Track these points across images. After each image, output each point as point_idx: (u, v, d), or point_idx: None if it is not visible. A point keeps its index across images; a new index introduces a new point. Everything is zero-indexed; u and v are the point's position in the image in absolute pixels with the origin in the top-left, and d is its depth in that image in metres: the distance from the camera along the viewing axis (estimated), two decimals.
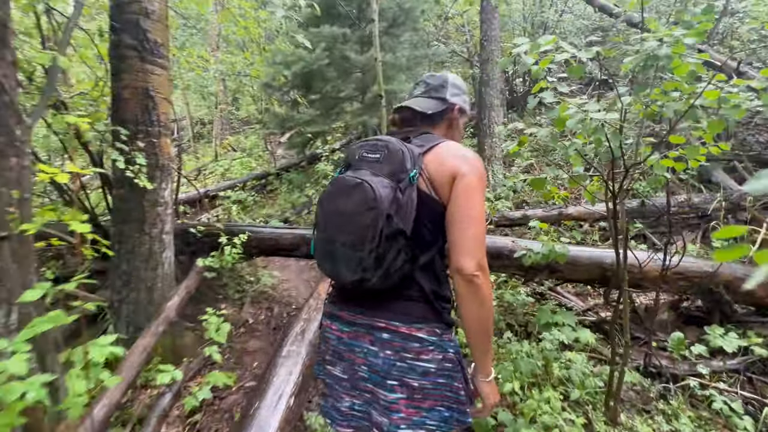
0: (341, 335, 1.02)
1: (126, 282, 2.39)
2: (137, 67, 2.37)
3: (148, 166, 2.39)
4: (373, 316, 0.97)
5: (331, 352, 1.05)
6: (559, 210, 3.55)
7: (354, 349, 0.99)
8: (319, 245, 0.98)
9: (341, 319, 1.03)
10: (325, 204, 0.97)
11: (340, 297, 1.05)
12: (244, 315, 3.13)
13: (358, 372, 0.99)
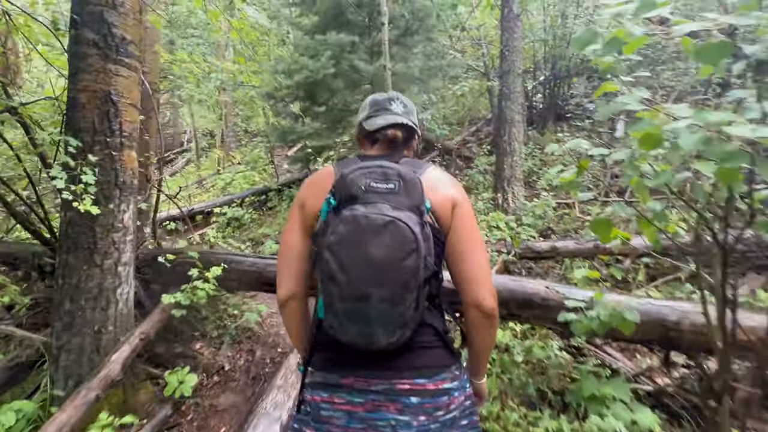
0: (354, 409, 0.82)
1: (68, 324, 1.95)
2: (98, 66, 2.00)
3: (103, 184, 1.99)
4: (391, 378, 0.82)
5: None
6: (594, 243, 3.02)
7: (377, 424, 0.81)
8: (340, 306, 0.76)
9: (348, 388, 0.83)
10: (347, 251, 0.75)
11: (339, 360, 0.85)
12: (220, 359, 2.66)
13: None
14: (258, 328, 2.98)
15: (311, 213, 0.92)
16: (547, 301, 2.02)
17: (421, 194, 0.81)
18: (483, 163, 5.28)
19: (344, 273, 0.74)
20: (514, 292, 2.08)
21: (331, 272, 0.75)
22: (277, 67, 4.43)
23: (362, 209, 0.77)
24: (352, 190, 0.80)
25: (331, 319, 0.78)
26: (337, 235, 0.76)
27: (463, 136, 7.27)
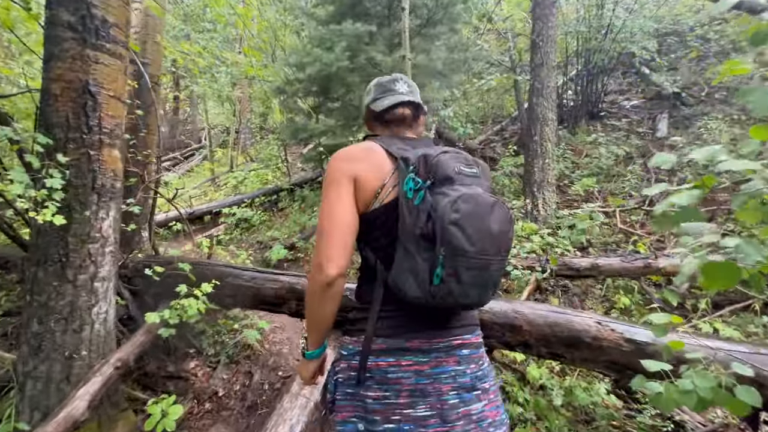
0: (420, 368, 0.90)
1: (36, 348, 1.70)
2: (74, 52, 1.73)
3: (78, 188, 1.73)
4: (448, 336, 0.93)
5: (408, 393, 0.89)
6: (645, 261, 2.59)
7: (441, 377, 0.90)
8: (467, 274, 0.83)
9: (415, 349, 0.91)
10: (474, 226, 0.83)
11: (403, 325, 0.92)
12: (214, 382, 2.39)
13: (447, 401, 0.89)
14: (258, 347, 2.70)
15: (370, 188, 0.93)
16: (599, 341, 1.64)
17: (489, 178, 0.99)
18: (509, 165, 4.86)
19: (473, 245, 0.82)
20: (558, 327, 1.70)
21: (462, 246, 0.81)
22: (288, 60, 4.14)
23: (467, 190, 0.86)
24: (447, 172, 0.88)
25: (454, 286, 0.83)
26: (461, 213, 0.82)
27: (487, 135, 6.83)
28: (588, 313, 1.76)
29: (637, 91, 7.31)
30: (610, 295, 2.81)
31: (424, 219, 0.84)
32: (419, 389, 0.88)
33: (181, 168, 9.37)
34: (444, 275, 0.82)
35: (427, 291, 0.83)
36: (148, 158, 3.03)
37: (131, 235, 2.89)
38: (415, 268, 0.85)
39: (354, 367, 0.91)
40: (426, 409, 0.88)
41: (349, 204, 0.92)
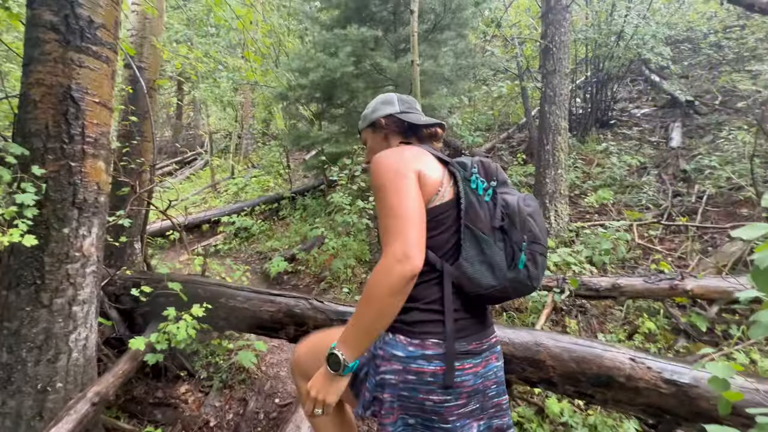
0: (476, 369, 0.94)
1: (5, 381, 1.54)
2: (56, 55, 1.59)
3: (57, 203, 1.57)
4: (489, 336, 0.99)
5: (467, 395, 0.92)
6: (670, 282, 2.40)
7: (488, 375, 0.97)
8: (540, 259, 0.94)
9: (473, 353, 0.94)
10: (538, 220, 0.96)
11: (467, 326, 0.95)
12: (205, 410, 2.21)
13: (488, 394, 0.98)
14: (254, 369, 2.52)
15: (432, 184, 0.95)
16: (634, 381, 1.46)
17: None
18: (518, 174, 4.69)
19: (543, 234, 0.95)
20: (585, 363, 1.52)
21: (536, 233, 0.93)
22: (291, 65, 4.01)
23: (518, 193, 1.00)
24: (503, 177, 1.03)
25: (531, 269, 0.92)
26: (531, 207, 0.96)
27: (493, 142, 6.68)
28: (619, 347, 1.57)
29: (648, 99, 7.15)
30: (631, 317, 2.62)
31: (500, 213, 0.93)
32: (475, 389, 0.94)
33: (182, 173, 9.26)
34: (525, 260, 0.91)
35: (504, 278, 0.90)
36: (142, 167, 2.89)
37: (122, 248, 2.74)
38: (493, 258, 0.91)
39: (419, 372, 0.89)
40: (474, 404, 0.95)
41: (419, 196, 0.91)
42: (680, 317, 2.47)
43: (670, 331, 2.44)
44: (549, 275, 2.66)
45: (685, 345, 2.34)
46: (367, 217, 3.60)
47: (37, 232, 1.51)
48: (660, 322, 2.44)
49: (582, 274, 2.71)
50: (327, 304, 1.94)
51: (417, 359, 0.89)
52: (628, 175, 4.68)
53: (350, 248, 3.73)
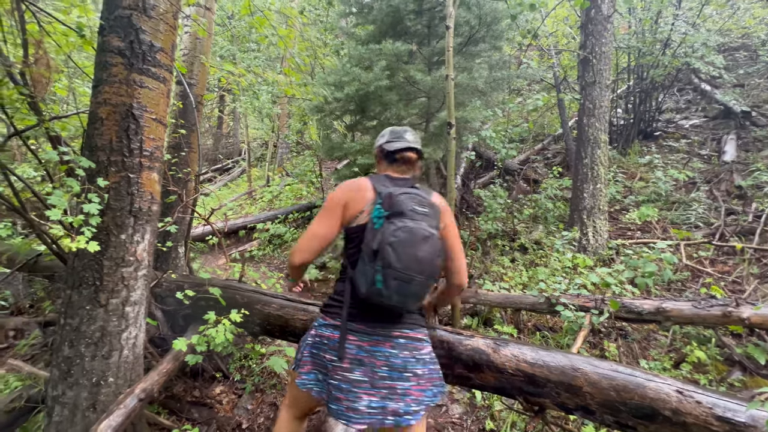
0: (361, 344, 1.23)
1: (65, 373, 1.68)
2: (121, 77, 1.75)
3: (116, 211, 1.72)
4: (390, 328, 1.26)
5: (350, 361, 1.22)
6: (723, 309, 2.23)
7: (375, 355, 1.22)
8: (393, 283, 1.15)
9: (360, 332, 1.25)
10: (404, 249, 1.15)
11: (358, 314, 1.26)
12: (238, 412, 2.29)
13: (378, 373, 1.20)
14: (284, 375, 2.59)
15: (352, 213, 1.29)
16: (680, 416, 1.36)
17: (439, 219, 1.29)
18: (553, 188, 4.55)
19: (401, 263, 1.14)
20: (626, 393, 1.44)
21: (391, 261, 1.14)
22: (327, 79, 4.15)
23: (412, 223, 1.18)
24: (402, 208, 1.21)
25: (383, 289, 1.15)
26: (398, 238, 1.15)
27: (527, 154, 6.53)
28: (664, 376, 1.48)
29: (697, 110, 6.74)
30: (678, 344, 2.45)
31: (377, 239, 1.17)
32: (358, 359, 1.21)
33: (221, 180, 9.73)
34: (380, 280, 1.15)
35: (370, 290, 1.17)
36: (189, 176, 3.08)
37: (168, 252, 2.92)
38: (366, 272, 1.18)
39: (321, 336, 1.29)
40: (360, 375, 1.20)
41: (333, 225, 1.32)
42: (735, 347, 2.28)
43: (722, 362, 2.26)
44: (586, 295, 2.55)
45: (740, 378, 2.15)
46: None
47: (98, 238, 1.65)
48: (711, 351, 2.27)
49: (623, 295, 2.58)
50: None
51: (324, 327, 1.30)
52: (675, 191, 4.41)
53: None
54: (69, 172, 1.66)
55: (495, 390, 1.68)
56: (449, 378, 1.75)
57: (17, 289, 3.17)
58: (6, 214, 4.80)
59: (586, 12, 3.78)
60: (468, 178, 5.34)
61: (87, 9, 1.98)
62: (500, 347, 1.66)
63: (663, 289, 2.93)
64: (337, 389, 1.19)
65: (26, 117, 2.04)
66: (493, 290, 3.06)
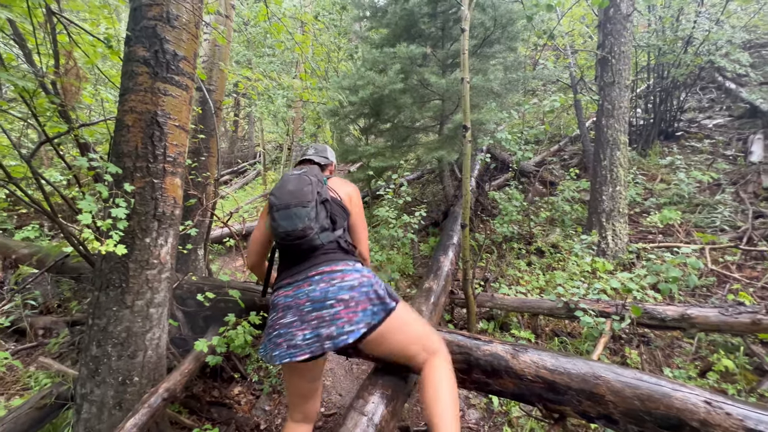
0: (287, 293, 1.41)
1: (93, 372, 1.74)
2: (146, 85, 1.81)
3: (141, 215, 1.77)
4: (306, 270, 1.43)
5: (282, 310, 1.39)
6: (752, 316, 2.15)
7: (298, 296, 1.38)
8: (277, 214, 1.46)
9: (285, 285, 1.44)
10: (278, 190, 1.52)
11: (282, 274, 1.49)
12: (256, 413, 2.32)
13: (303, 310, 1.35)
14: None
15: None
16: (709, 428, 1.32)
17: (320, 175, 1.59)
18: (570, 189, 4.47)
19: (277, 199, 1.48)
20: (651, 402, 1.41)
21: (273, 202, 1.48)
22: (342, 83, 4.18)
23: (286, 177, 1.56)
24: (283, 177, 1.58)
25: (275, 224, 1.45)
26: (275, 187, 1.55)
27: (543, 155, 6.43)
28: (691, 386, 1.44)
29: (721, 109, 6.53)
30: (704, 352, 2.38)
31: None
32: (286, 305, 1.38)
33: (237, 183, 9.90)
34: (273, 218, 1.45)
35: (273, 233, 1.48)
36: (208, 180, 3.15)
37: (187, 255, 2.99)
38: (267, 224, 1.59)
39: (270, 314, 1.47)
40: (291, 317, 1.35)
41: (258, 227, 1.69)
42: (765, 356, 2.20)
43: (752, 371, 2.17)
44: (606, 300, 2.50)
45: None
46: (412, 231, 3.62)
47: (125, 242, 1.71)
48: (740, 360, 2.19)
49: (644, 301, 2.51)
50: None
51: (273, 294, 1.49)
52: (699, 193, 4.28)
53: (394, 261, 3.77)
54: (96, 178, 1.72)
55: (513, 396, 1.66)
56: (466, 383, 1.74)
57: (46, 289, 3.30)
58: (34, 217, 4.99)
59: (605, 11, 3.71)
60: (482, 180, 5.29)
61: (114, 20, 2.06)
62: (519, 353, 1.64)
63: (687, 295, 2.84)
64: (277, 336, 1.34)
65: (56, 125, 2.13)
66: (509, 294, 3.02)
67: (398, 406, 1.83)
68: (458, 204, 4.41)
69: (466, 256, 2.69)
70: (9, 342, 2.80)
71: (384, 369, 1.92)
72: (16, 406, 1.90)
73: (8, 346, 2.70)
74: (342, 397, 2.52)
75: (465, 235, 2.70)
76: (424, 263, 4.01)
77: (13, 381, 2.40)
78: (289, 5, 5.29)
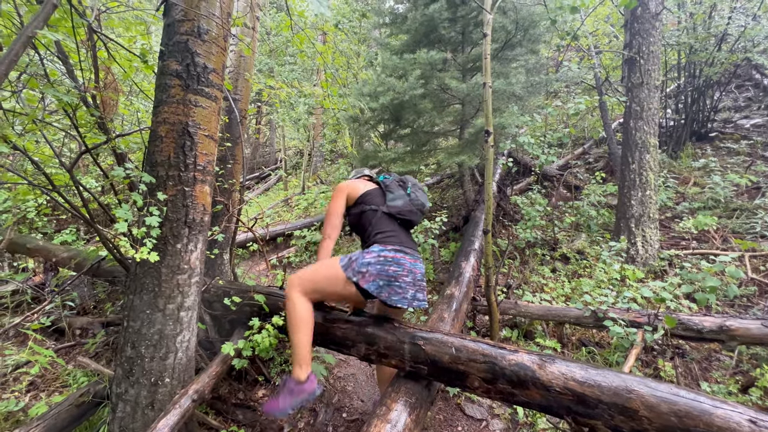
0: (408, 260, 1.90)
1: (128, 372, 1.81)
2: (178, 98, 1.89)
3: (173, 222, 1.85)
4: (413, 248, 1.97)
5: (407, 271, 1.87)
6: None
7: (415, 266, 1.92)
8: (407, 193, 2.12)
9: (405, 252, 1.91)
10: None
11: (404, 241, 1.97)
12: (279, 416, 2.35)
13: (416, 277, 1.91)
14: (323, 381, 2.64)
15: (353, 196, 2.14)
16: None
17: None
18: (596, 194, 4.34)
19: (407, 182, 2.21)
20: (689, 419, 1.34)
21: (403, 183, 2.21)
22: (362, 90, 4.23)
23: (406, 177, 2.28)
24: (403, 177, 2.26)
25: (410, 197, 2.11)
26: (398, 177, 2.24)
27: (567, 159, 6.28)
28: (733, 403, 1.36)
29: (759, 108, 6.20)
30: (745, 367, 2.24)
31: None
32: (409, 270, 1.88)
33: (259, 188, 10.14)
34: (407, 195, 2.08)
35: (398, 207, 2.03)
36: (234, 186, 3.24)
37: (214, 259, 3.08)
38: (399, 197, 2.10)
39: (385, 257, 1.85)
40: (410, 279, 1.88)
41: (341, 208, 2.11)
42: None
43: None
44: (637, 310, 2.41)
45: None
46: (433, 236, 3.59)
47: (158, 248, 1.79)
48: None
49: (678, 311, 2.39)
50: (398, 326, 1.97)
51: (386, 251, 1.87)
52: (736, 197, 4.06)
53: None
54: (131, 186, 1.80)
55: (540, 408, 1.61)
56: (491, 393, 1.71)
57: (83, 291, 3.47)
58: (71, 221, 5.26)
59: (632, 10, 3.61)
60: (504, 185, 5.21)
61: (149, 38, 2.16)
62: (547, 363, 1.60)
63: (726, 305, 2.70)
64: (399, 288, 1.83)
65: (95, 136, 2.25)
66: (533, 302, 2.96)
67: (421, 414, 1.82)
68: (479, 209, 4.35)
69: (488, 263, 2.65)
70: (49, 341, 2.96)
71: (407, 376, 1.92)
72: (57, 402, 2.00)
73: (49, 344, 2.85)
74: (364, 403, 2.52)
75: (487, 241, 2.66)
76: (445, 269, 3.98)
77: (53, 378, 2.53)
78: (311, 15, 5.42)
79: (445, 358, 1.77)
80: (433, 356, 1.80)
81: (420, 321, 3.13)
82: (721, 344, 2.30)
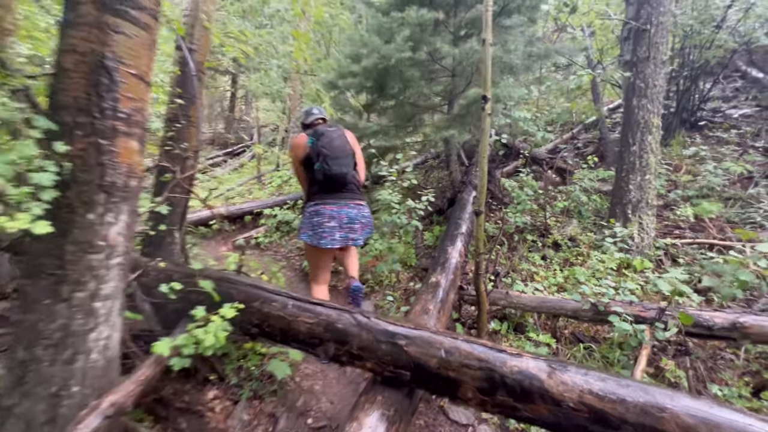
0: (332, 209, 2.30)
1: (20, 379, 1.39)
2: (91, 19, 1.41)
3: (82, 185, 1.39)
4: (345, 199, 2.35)
5: (328, 218, 2.28)
6: None
7: (340, 213, 2.30)
8: (330, 162, 2.31)
9: (330, 203, 2.31)
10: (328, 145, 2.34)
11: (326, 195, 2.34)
12: (232, 423, 1.99)
13: (342, 221, 2.29)
14: (287, 381, 2.28)
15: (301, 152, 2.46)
16: None
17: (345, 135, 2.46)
18: (588, 179, 4.11)
19: (328, 150, 2.31)
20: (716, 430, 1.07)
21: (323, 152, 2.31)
22: (343, 50, 3.75)
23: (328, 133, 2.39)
24: (319, 131, 2.39)
25: (326, 167, 2.28)
26: (324, 144, 2.33)
27: (555, 143, 6.04)
28: (762, 417, 1.10)
29: (747, 98, 6.13)
30: (753, 367, 2.05)
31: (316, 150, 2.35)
32: (331, 216, 2.29)
33: (230, 165, 9.47)
34: (323, 165, 2.28)
35: (322, 171, 2.29)
36: (187, 152, 2.75)
37: (161, 236, 2.63)
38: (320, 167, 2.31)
39: (313, 211, 2.33)
40: (334, 223, 2.29)
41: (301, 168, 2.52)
42: None
43: None
44: (643, 303, 2.16)
45: None
46: (417, 218, 3.25)
47: (59, 217, 1.34)
48: None
49: (685, 305, 2.17)
50: (374, 321, 1.62)
51: (314, 206, 2.34)
52: (729, 186, 3.92)
53: (396, 251, 3.41)
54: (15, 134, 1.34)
55: (549, 426, 1.32)
56: (488, 406, 1.40)
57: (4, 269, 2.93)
58: None
59: None
60: (492, 167, 4.91)
61: None
62: (557, 372, 1.30)
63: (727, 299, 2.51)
64: (323, 232, 2.26)
65: None
66: (525, 292, 2.68)
67: (401, 429, 1.50)
68: (466, 191, 4.05)
69: (479, 248, 2.33)
70: None
71: (385, 381, 1.58)
72: None
73: None
74: (333, 405, 2.20)
75: (479, 224, 2.34)
76: (428, 254, 3.67)
77: None
78: None
79: (432, 362, 1.45)
80: (418, 359, 1.47)
81: (401, 312, 2.80)
82: (731, 342, 2.09)
